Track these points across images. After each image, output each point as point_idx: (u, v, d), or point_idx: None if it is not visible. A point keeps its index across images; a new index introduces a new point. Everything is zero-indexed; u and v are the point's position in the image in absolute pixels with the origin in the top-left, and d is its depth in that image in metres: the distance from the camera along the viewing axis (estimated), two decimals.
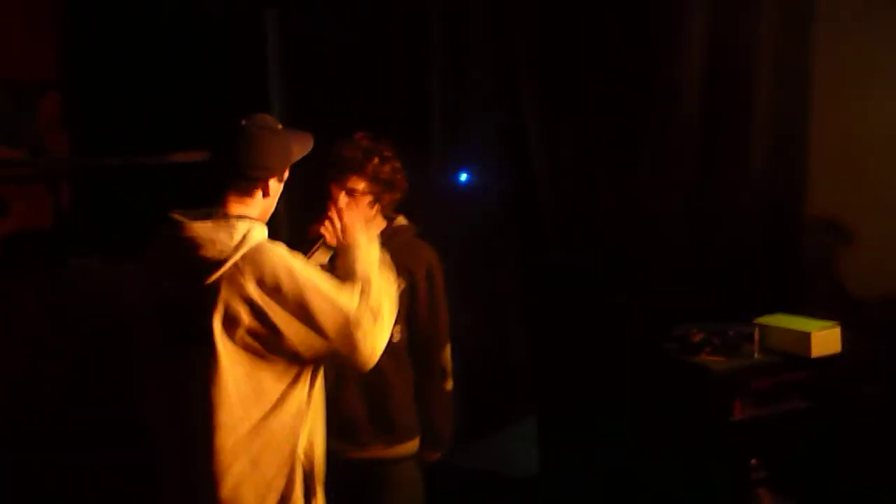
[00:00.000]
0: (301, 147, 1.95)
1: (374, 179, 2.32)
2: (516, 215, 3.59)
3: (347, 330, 1.79)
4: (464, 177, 3.78)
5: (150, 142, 3.52)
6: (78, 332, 3.00)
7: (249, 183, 1.85)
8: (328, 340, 1.78)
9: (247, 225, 1.80)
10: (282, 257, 1.79)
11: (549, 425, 3.50)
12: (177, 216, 1.81)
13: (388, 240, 2.40)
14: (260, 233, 1.83)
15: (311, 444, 1.91)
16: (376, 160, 2.33)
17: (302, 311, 1.75)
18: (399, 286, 2.27)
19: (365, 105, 3.59)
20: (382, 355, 2.02)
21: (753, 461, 2.86)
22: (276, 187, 1.91)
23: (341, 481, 2.38)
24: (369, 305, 1.84)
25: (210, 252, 1.73)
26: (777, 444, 2.88)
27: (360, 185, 2.30)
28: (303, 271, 1.79)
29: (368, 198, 2.33)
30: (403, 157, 2.45)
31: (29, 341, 2.97)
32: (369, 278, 1.91)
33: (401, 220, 2.50)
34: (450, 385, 2.54)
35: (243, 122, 1.86)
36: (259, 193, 1.86)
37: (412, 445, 2.48)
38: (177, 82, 3.71)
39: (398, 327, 2.34)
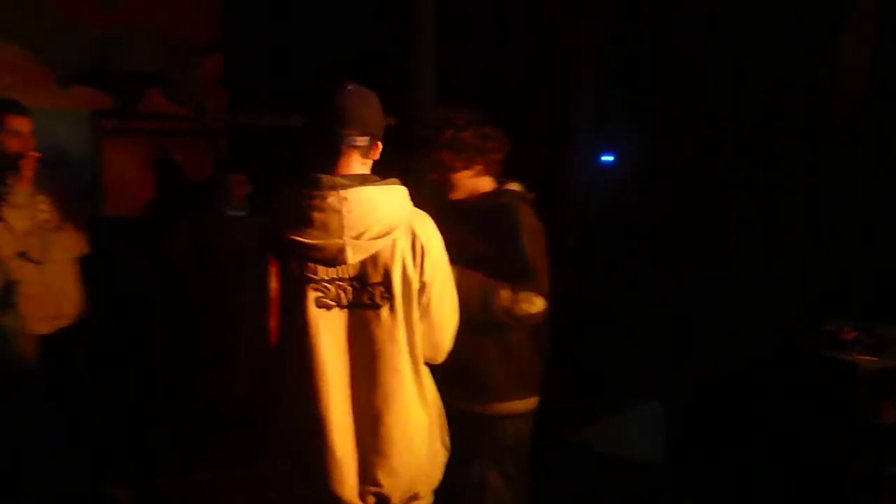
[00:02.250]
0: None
1: (454, 149, 2.40)
2: (652, 199, 3.53)
3: (443, 319, 1.94)
4: (609, 158, 3.77)
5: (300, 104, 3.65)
6: (218, 268, 3.38)
7: (370, 142, 1.84)
8: (430, 312, 1.90)
9: (403, 188, 1.85)
10: (436, 228, 1.91)
11: (677, 411, 3.45)
12: (328, 178, 1.78)
13: (489, 201, 2.45)
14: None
15: (436, 395, 1.98)
16: (450, 132, 2.39)
17: (438, 282, 1.89)
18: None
19: (511, 89, 3.61)
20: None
21: None
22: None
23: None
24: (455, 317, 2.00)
25: (383, 212, 1.79)
26: None
27: (444, 157, 2.41)
28: (443, 249, 1.92)
29: (456, 164, 2.41)
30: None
31: (178, 274, 3.47)
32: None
33: (512, 185, 2.51)
34: (517, 339, 2.46)
35: (350, 87, 1.83)
36: (375, 153, 1.87)
37: (504, 407, 2.47)
38: (329, 47, 3.84)
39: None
